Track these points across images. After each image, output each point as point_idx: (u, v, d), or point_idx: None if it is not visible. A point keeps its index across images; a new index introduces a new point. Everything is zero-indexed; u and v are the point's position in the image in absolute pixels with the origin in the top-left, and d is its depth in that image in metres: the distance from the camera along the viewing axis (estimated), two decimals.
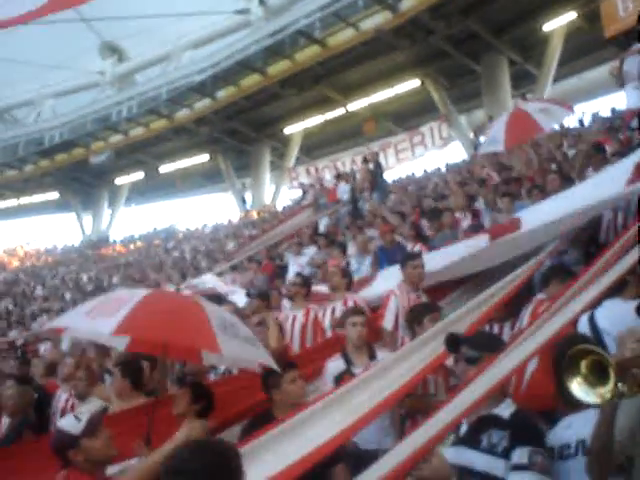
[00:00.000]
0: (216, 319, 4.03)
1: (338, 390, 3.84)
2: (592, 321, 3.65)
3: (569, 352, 2.09)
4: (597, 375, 2.03)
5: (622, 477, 2.46)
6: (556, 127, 19.54)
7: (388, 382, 3.76)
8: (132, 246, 34.97)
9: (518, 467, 2.66)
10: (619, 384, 2.00)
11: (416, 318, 4.78)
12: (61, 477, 3.20)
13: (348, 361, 4.73)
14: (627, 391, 2.04)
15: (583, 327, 3.64)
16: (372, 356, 4.75)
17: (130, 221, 59.16)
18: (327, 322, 6.38)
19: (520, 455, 2.67)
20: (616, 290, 3.66)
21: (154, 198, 45.32)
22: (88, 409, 5.04)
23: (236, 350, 4.06)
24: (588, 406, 2.62)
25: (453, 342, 3.24)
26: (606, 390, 2.00)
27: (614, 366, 1.98)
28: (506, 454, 2.70)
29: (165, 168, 38.22)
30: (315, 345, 6.03)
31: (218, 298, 7.33)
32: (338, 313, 6.09)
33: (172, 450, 3.05)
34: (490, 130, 11.66)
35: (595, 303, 3.47)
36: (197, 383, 4.81)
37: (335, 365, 4.73)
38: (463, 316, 4.51)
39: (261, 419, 4.12)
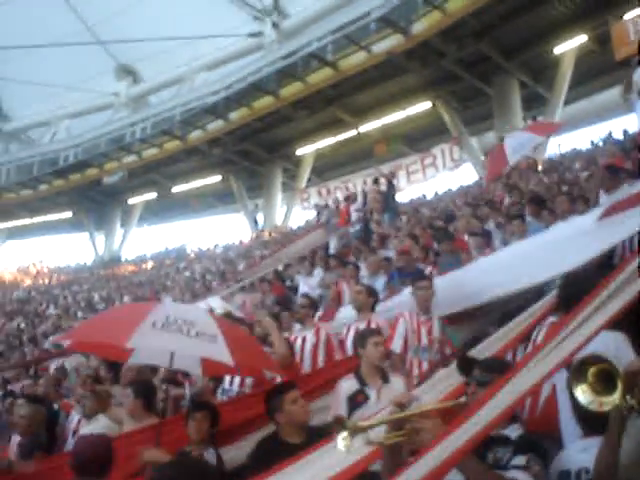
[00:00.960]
0: (158, 317, 4.16)
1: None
2: None
3: (579, 359, 2.08)
4: (604, 384, 2.01)
5: None
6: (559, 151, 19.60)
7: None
8: (144, 265, 35.12)
9: (514, 467, 2.68)
10: (627, 397, 1.99)
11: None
12: None
13: (361, 381, 4.68)
14: (636, 405, 2.03)
15: None
16: (385, 378, 4.71)
17: (142, 241, 59.56)
18: (349, 342, 6.38)
19: (519, 460, 2.70)
20: None
21: (166, 218, 45.61)
22: (93, 428, 5.10)
23: (176, 345, 4.20)
24: (605, 431, 2.63)
25: (466, 365, 3.24)
26: (613, 399, 1.99)
27: (622, 376, 1.97)
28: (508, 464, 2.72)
29: (178, 188, 38.41)
30: (325, 366, 6.04)
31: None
32: None
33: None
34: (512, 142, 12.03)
35: (606, 326, 3.41)
36: (214, 406, 4.83)
37: (349, 385, 4.68)
38: (486, 348, 4.46)
39: (269, 443, 4.13)
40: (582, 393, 2.01)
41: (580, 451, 2.81)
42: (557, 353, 3.16)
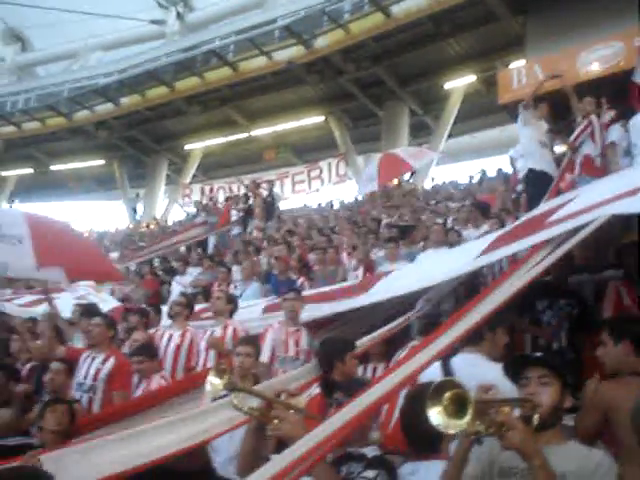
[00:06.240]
0: None
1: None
2: (446, 366, 3.70)
3: (437, 382, 2.22)
4: (456, 408, 2.12)
5: None
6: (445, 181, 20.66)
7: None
8: None
9: (362, 478, 2.84)
10: (476, 422, 2.14)
11: (338, 354, 4.32)
12: None
13: None
14: (483, 430, 2.19)
15: (434, 370, 3.56)
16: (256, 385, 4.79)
17: None
18: (202, 344, 6.46)
19: (368, 473, 2.85)
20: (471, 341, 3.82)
21: (41, 197, 43.26)
22: None
23: None
24: (435, 455, 2.86)
25: (328, 386, 3.37)
26: (462, 423, 2.14)
27: (473, 403, 2.11)
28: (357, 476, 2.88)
29: (57, 167, 36.71)
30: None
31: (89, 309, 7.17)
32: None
33: None
34: (365, 171, 13.01)
35: (455, 343, 3.50)
36: (73, 403, 4.69)
37: None
38: None
39: None
40: (436, 414, 2.14)
41: (409, 474, 2.95)
42: (407, 367, 3.35)
